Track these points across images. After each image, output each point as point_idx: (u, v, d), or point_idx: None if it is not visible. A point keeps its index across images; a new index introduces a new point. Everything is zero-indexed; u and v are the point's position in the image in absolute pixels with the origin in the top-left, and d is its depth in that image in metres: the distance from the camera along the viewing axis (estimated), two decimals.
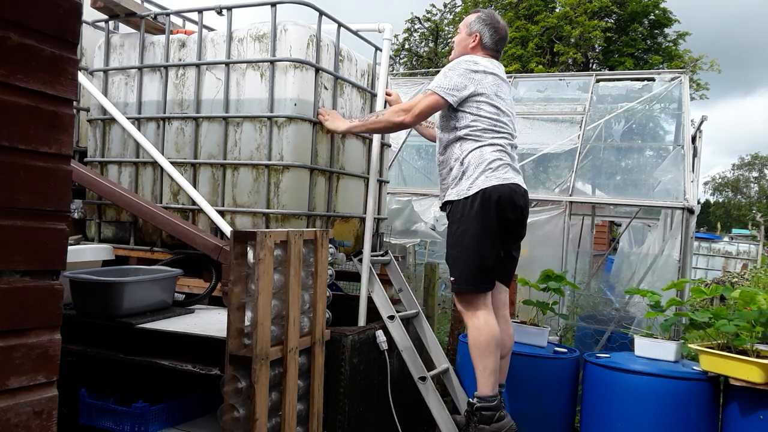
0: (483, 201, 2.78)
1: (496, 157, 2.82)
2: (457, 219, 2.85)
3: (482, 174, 2.80)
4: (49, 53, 0.91)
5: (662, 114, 6.20)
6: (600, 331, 4.64)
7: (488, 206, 2.78)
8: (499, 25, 3.03)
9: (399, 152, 6.18)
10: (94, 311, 2.59)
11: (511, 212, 2.86)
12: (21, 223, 0.89)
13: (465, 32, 3.04)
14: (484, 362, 2.80)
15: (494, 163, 2.81)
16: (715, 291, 3.30)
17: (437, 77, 2.87)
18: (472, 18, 3.05)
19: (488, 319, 2.82)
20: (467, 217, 2.80)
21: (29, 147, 0.89)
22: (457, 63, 2.88)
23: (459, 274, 2.85)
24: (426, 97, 2.81)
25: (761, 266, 10.35)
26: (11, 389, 0.87)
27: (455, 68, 2.85)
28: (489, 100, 2.84)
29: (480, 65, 2.87)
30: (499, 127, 2.86)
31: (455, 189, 2.86)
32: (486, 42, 3.00)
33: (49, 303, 0.93)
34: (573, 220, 5.30)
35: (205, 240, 2.80)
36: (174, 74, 3.15)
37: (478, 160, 2.81)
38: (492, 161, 2.81)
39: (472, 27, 3.02)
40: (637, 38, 16.38)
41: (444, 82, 2.80)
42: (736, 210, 40.09)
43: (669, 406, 2.97)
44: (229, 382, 2.14)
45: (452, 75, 2.82)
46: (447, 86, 2.79)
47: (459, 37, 3.08)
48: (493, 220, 2.80)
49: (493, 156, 2.82)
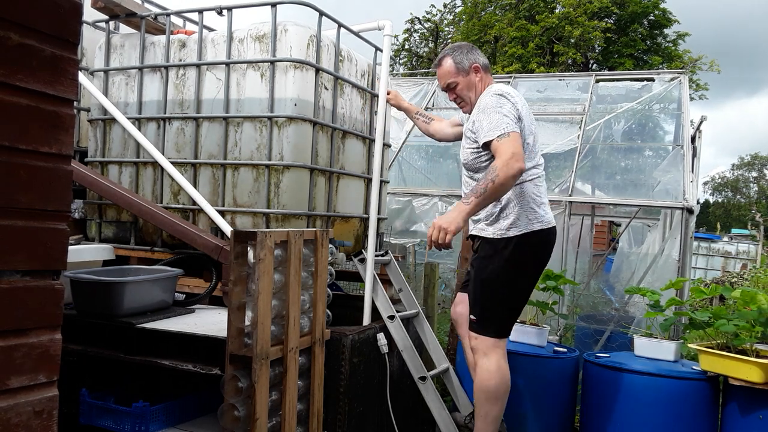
0: (521, 246, 2.63)
1: (536, 195, 2.68)
2: (488, 256, 2.69)
3: (523, 214, 2.65)
4: (49, 53, 0.91)
5: (662, 114, 6.20)
6: (600, 331, 4.64)
7: (526, 252, 2.65)
8: (467, 45, 2.89)
9: (399, 152, 6.18)
10: (95, 311, 2.59)
11: (547, 255, 2.75)
12: (21, 223, 0.89)
13: (462, 76, 2.81)
14: (488, 408, 2.66)
15: (535, 201, 2.68)
16: (715, 291, 3.30)
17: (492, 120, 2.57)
18: (451, 61, 2.81)
19: (501, 364, 2.67)
20: (500, 260, 2.65)
21: (30, 147, 0.89)
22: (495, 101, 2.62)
23: (481, 317, 2.69)
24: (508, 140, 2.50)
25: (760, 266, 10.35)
26: (12, 389, 0.87)
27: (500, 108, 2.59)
28: (531, 130, 2.70)
29: (513, 96, 2.66)
30: (535, 158, 2.73)
31: (491, 227, 2.69)
32: (484, 62, 2.85)
33: (50, 303, 0.93)
34: (573, 220, 5.31)
35: (205, 240, 2.80)
36: (174, 74, 3.15)
37: (518, 198, 2.66)
38: (533, 200, 2.67)
39: (463, 65, 2.80)
40: (636, 39, 16.38)
41: (504, 120, 2.54)
42: (735, 210, 40.09)
43: (668, 406, 2.98)
44: (229, 382, 2.14)
45: (506, 111, 2.58)
46: (512, 120, 2.55)
47: (461, 84, 2.82)
48: (530, 268, 2.69)
49: (534, 193, 2.68)
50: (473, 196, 2.50)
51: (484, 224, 2.72)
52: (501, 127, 2.52)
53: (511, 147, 2.48)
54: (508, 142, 2.50)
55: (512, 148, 2.48)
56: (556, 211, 5.05)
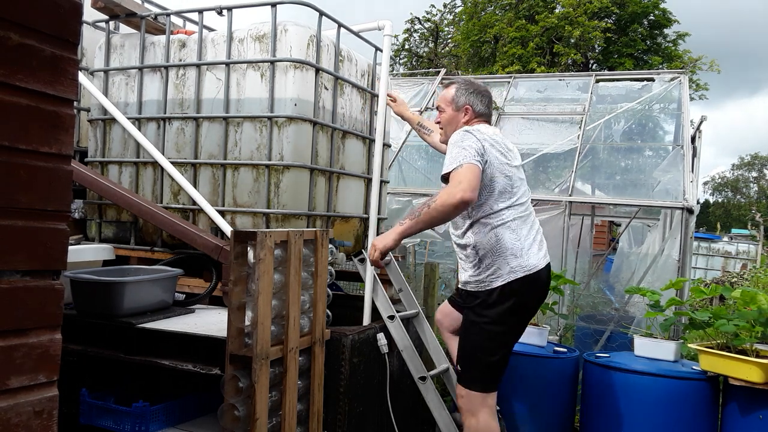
0: (505, 297, 2.50)
1: (515, 241, 2.51)
2: (472, 307, 2.58)
3: (504, 263, 2.50)
4: (49, 53, 0.91)
5: (662, 114, 6.21)
6: (600, 331, 4.64)
7: (511, 303, 2.50)
8: (481, 88, 2.77)
9: (399, 152, 6.18)
10: (95, 311, 2.59)
11: (535, 300, 2.62)
12: (21, 223, 0.89)
13: (452, 109, 2.73)
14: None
15: (515, 248, 2.50)
16: (715, 291, 3.30)
17: (452, 154, 2.47)
18: (453, 92, 2.74)
19: (489, 423, 2.55)
20: (484, 313, 2.52)
21: (30, 147, 0.89)
22: (460, 137, 2.52)
23: (466, 370, 2.58)
24: (460, 170, 2.40)
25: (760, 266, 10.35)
26: (12, 389, 0.87)
27: (462, 141, 2.49)
28: (501, 169, 2.53)
29: (482, 132, 2.55)
30: (515, 198, 2.56)
31: (474, 280, 2.57)
32: (479, 110, 2.72)
33: (50, 303, 0.93)
34: (573, 220, 5.31)
35: (205, 240, 2.80)
36: (174, 74, 3.15)
37: (495, 247, 2.51)
38: (512, 247, 2.50)
39: (459, 101, 2.72)
40: (636, 39, 16.38)
41: (462, 153, 2.44)
42: (735, 210, 40.08)
43: (668, 406, 2.98)
44: (229, 382, 2.14)
45: (466, 145, 2.46)
46: (470, 153, 2.43)
47: (446, 115, 2.76)
48: (516, 317, 2.56)
49: (512, 240, 2.51)
50: (409, 218, 2.46)
51: (468, 276, 2.60)
52: (458, 160, 2.42)
53: (459, 176, 2.37)
54: (459, 172, 2.39)
55: (460, 177, 2.37)
56: (556, 212, 5.06)
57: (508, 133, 6.14)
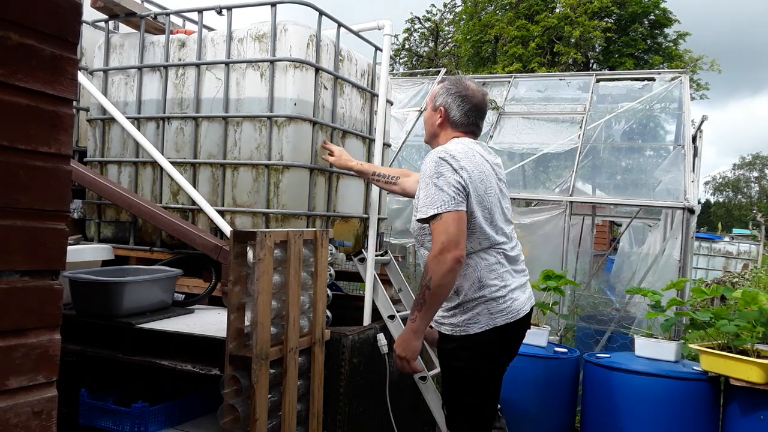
0: (483, 345, 2.24)
1: (497, 282, 2.24)
2: (447, 350, 2.31)
3: (484, 308, 2.22)
4: (49, 53, 0.91)
5: (662, 114, 6.20)
6: (600, 331, 4.64)
7: (490, 352, 2.26)
8: (468, 92, 2.38)
9: (399, 152, 6.17)
10: (94, 311, 2.58)
11: (516, 348, 2.41)
12: (21, 223, 0.89)
13: (431, 107, 2.45)
14: None
15: (497, 291, 2.23)
16: (716, 291, 3.30)
17: (428, 192, 2.16)
18: (437, 89, 2.47)
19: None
20: (459, 361, 2.27)
21: (29, 147, 0.89)
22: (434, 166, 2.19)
23: (453, 416, 2.35)
24: (440, 224, 2.12)
25: (762, 266, 10.34)
26: (11, 389, 0.87)
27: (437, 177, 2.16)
28: (481, 201, 2.22)
29: (457, 156, 2.20)
30: (493, 238, 2.25)
31: (447, 321, 2.29)
32: (454, 116, 2.37)
33: (49, 303, 0.93)
34: (573, 220, 5.31)
35: (204, 240, 2.80)
36: (174, 74, 3.15)
37: (476, 288, 2.23)
38: (495, 289, 2.23)
39: (437, 100, 2.42)
40: (637, 38, 16.38)
41: (440, 196, 2.13)
42: (736, 210, 40.08)
43: (669, 406, 2.97)
44: (228, 382, 2.14)
45: (443, 183, 2.15)
46: (449, 194, 2.13)
47: (426, 113, 2.50)
48: (495, 364, 2.33)
49: (494, 281, 2.24)
50: (416, 311, 2.17)
51: (441, 314, 2.30)
52: (435, 205, 2.12)
53: (441, 235, 2.09)
54: (439, 227, 2.11)
55: (443, 236, 2.09)
56: (557, 212, 5.06)
57: (508, 133, 6.14)
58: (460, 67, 16.94)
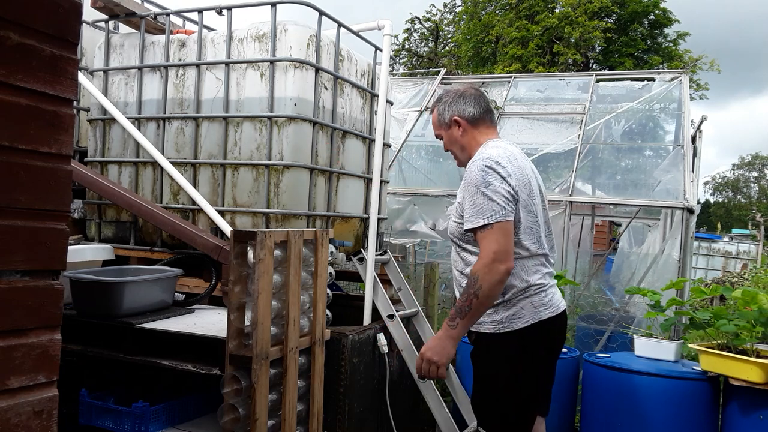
0: (528, 341, 2.21)
1: (536, 282, 2.23)
2: (486, 354, 2.26)
3: (528, 301, 2.21)
4: (49, 53, 0.91)
5: (662, 114, 6.20)
6: (600, 331, 4.64)
7: (535, 348, 2.23)
8: (459, 90, 2.41)
9: (399, 152, 6.18)
10: (95, 311, 2.59)
11: (558, 345, 2.38)
12: (21, 223, 0.89)
13: (444, 130, 2.41)
14: None
15: (533, 289, 2.22)
16: (715, 291, 3.30)
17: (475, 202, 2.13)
18: (435, 114, 2.43)
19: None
20: (502, 360, 2.22)
21: (29, 147, 0.89)
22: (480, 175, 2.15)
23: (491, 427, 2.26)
24: (491, 234, 2.09)
25: (761, 266, 10.35)
26: (11, 389, 0.87)
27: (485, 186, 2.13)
28: (524, 209, 2.21)
29: (502, 162, 2.17)
30: (536, 237, 2.25)
31: (489, 319, 2.23)
32: (468, 114, 2.35)
33: (49, 303, 0.93)
34: (573, 220, 5.31)
35: (205, 240, 2.80)
36: (174, 74, 3.15)
37: (514, 287, 2.21)
38: (531, 287, 2.22)
39: (444, 118, 2.38)
40: (636, 38, 16.40)
41: (489, 206, 2.11)
42: (736, 210, 40.09)
43: (669, 406, 2.97)
44: (229, 382, 2.14)
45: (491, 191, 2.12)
46: (499, 204, 2.10)
47: (445, 139, 2.43)
48: (539, 363, 2.28)
49: (534, 280, 2.23)
50: (458, 317, 2.11)
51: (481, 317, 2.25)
52: (485, 215, 2.10)
53: (493, 244, 2.07)
54: (490, 236, 2.08)
55: (494, 245, 2.07)
56: (556, 211, 5.05)
57: (508, 133, 6.14)
58: (460, 67, 16.94)
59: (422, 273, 4.27)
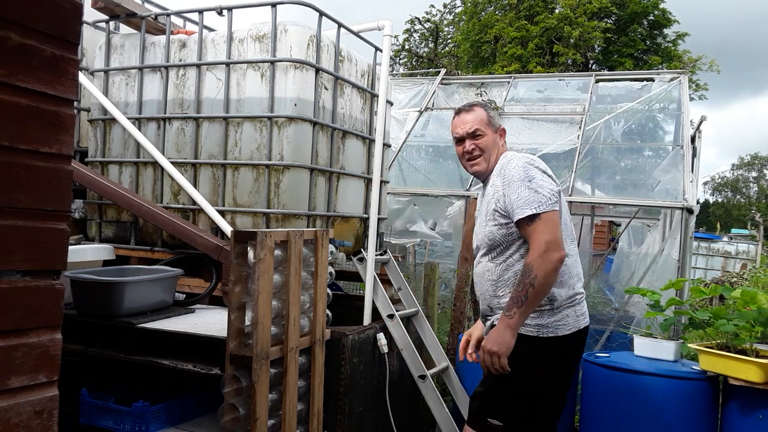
0: (568, 348, 2.24)
1: (579, 290, 2.28)
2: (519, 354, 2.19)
3: (572, 309, 2.23)
4: (50, 53, 0.91)
5: (661, 114, 6.21)
6: (599, 331, 4.64)
7: (572, 357, 2.29)
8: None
9: (399, 152, 6.18)
10: (95, 311, 2.59)
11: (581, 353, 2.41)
12: (21, 223, 0.89)
13: (492, 131, 2.40)
14: None
15: (578, 297, 2.26)
16: (715, 291, 3.30)
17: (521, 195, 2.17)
18: (485, 113, 2.44)
19: None
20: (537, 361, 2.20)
21: (30, 147, 0.89)
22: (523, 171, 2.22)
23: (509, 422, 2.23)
24: (541, 224, 2.12)
25: (760, 266, 10.36)
26: (12, 389, 0.87)
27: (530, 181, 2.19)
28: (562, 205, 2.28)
29: (540, 166, 2.26)
30: (570, 241, 2.28)
31: (534, 321, 2.22)
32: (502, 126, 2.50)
33: (50, 303, 0.93)
34: (573, 220, 5.29)
35: (205, 240, 2.80)
36: (174, 74, 3.16)
37: (561, 296, 2.23)
38: (576, 295, 2.25)
39: (495, 123, 2.43)
40: (636, 39, 16.40)
41: (536, 197, 2.15)
42: (735, 210, 40.09)
43: (668, 406, 2.97)
44: (229, 382, 2.14)
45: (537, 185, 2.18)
46: (545, 196, 2.16)
47: (488, 139, 2.39)
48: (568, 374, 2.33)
49: (578, 288, 2.27)
50: (515, 307, 2.11)
51: None
52: (532, 205, 2.13)
53: (545, 234, 2.10)
54: (539, 227, 2.11)
55: (546, 235, 2.10)
56: None
57: (507, 133, 6.14)
58: (459, 67, 16.95)
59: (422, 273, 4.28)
